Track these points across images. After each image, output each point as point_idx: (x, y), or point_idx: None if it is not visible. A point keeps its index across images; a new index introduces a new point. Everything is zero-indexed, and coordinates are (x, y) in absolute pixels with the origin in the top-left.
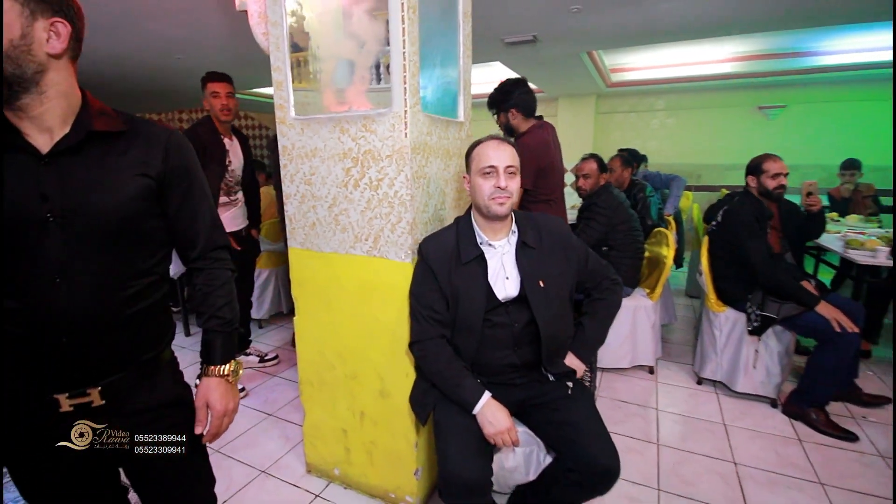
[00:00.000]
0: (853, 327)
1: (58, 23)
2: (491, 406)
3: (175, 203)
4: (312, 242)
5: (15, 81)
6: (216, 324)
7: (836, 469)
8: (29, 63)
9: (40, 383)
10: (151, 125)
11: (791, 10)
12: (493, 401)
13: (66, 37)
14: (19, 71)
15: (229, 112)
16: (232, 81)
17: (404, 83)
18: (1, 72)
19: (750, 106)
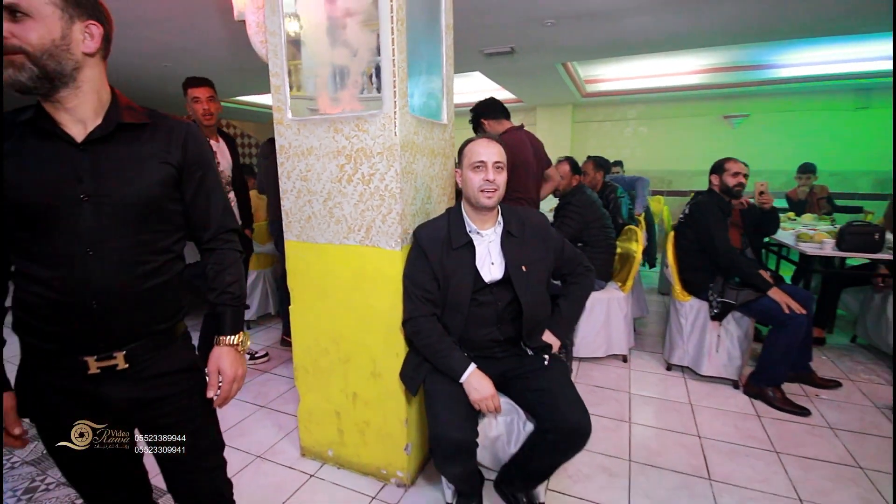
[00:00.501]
0: (801, 309)
1: (92, 25)
2: (476, 375)
3: (191, 189)
4: (308, 235)
5: (56, 77)
6: (226, 298)
7: (790, 439)
8: (68, 60)
9: (71, 345)
10: (171, 119)
11: (742, 26)
12: (479, 371)
13: (98, 37)
14: (60, 67)
15: (211, 116)
16: (212, 85)
17: (394, 87)
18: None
19: (716, 115)
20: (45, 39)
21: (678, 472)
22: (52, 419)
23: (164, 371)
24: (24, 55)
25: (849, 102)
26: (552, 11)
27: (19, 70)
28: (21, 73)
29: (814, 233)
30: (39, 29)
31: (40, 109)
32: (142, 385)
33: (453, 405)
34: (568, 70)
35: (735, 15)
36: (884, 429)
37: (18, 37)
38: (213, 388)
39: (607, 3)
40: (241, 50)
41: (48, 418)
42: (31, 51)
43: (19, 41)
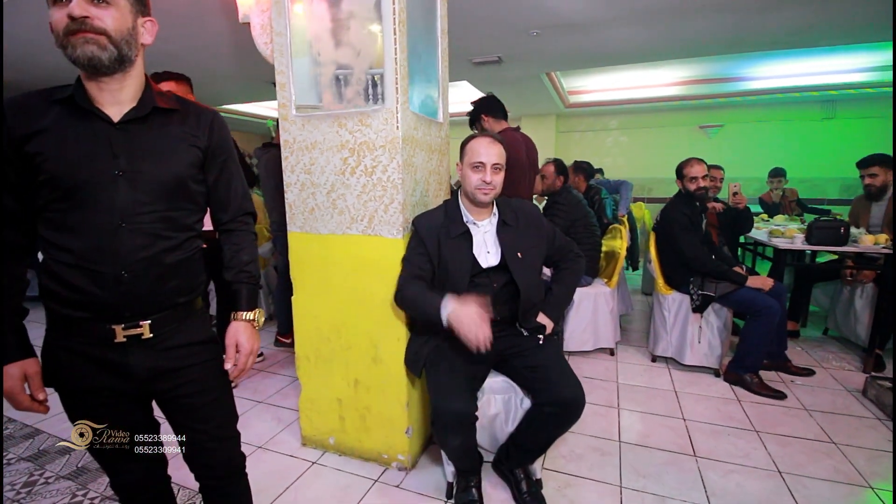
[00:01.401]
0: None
1: (148, 21)
2: (454, 303)
3: (215, 172)
4: (311, 226)
5: (126, 60)
6: (244, 277)
7: (768, 420)
8: (134, 48)
9: (101, 313)
10: (198, 105)
11: (712, 39)
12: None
13: (153, 32)
14: (129, 53)
15: None
16: (186, 79)
17: (396, 83)
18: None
19: (692, 125)
20: (122, 26)
21: (665, 450)
22: (77, 386)
23: (185, 342)
24: (106, 37)
25: (815, 113)
26: (537, 22)
27: (103, 49)
28: (104, 52)
29: (785, 229)
30: (118, 17)
31: (79, 89)
32: (164, 355)
33: (453, 377)
34: (552, 80)
35: (706, 28)
36: (854, 410)
37: (102, 20)
38: (231, 360)
39: (588, 15)
40: (233, 56)
41: (73, 386)
42: (113, 34)
43: (103, 24)
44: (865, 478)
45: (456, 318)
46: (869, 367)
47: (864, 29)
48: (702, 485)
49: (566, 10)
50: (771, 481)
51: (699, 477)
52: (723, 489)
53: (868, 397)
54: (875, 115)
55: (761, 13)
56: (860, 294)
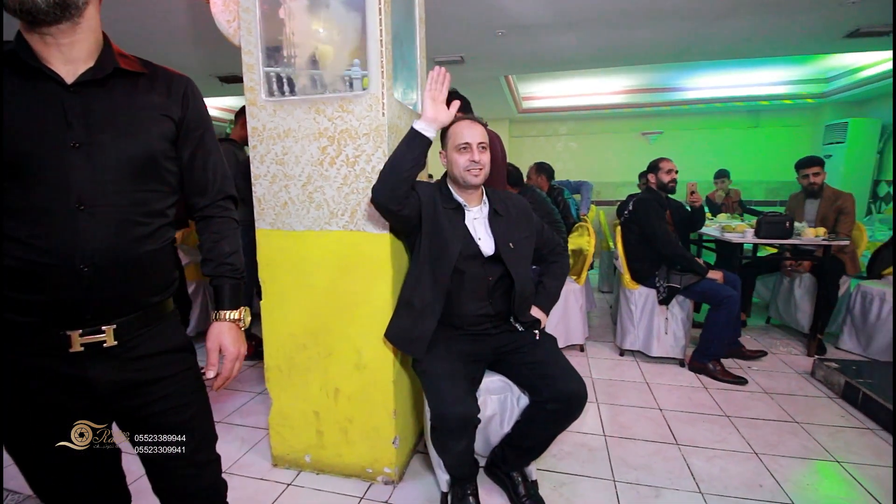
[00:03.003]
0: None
1: None
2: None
3: (190, 148)
4: (284, 222)
5: (69, 4)
6: (225, 270)
7: (735, 404)
8: None
9: (54, 318)
10: (169, 71)
11: (665, 46)
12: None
13: None
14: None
15: None
16: None
17: (381, 67)
18: None
19: (635, 132)
20: None
21: (649, 440)
22: (18, 409)
23: (156, 350)
24: None
25: (742, 122)
26: (505, 22)
27: None
28: None
29: (735, 224)
30: None
31: (22, 43)
32: (131, 366)
33: (454, 380)
34: (509, 84)
35: (658, 36)
36: (808, 390)
37: None
38: (214, 367)
39: (551, 18)
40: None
41: (13, 409)
42: None
43: None
44: (831, 452)
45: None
46: (812, 351)
47: (807, 39)
48: (689, 472)
49: (530, 12)
50: (750, 463)
51: (685, 464)
52: (709, 474)
53: (817, 378)
54: (795, 124)
55: (714, 21)
56: (799, 284)
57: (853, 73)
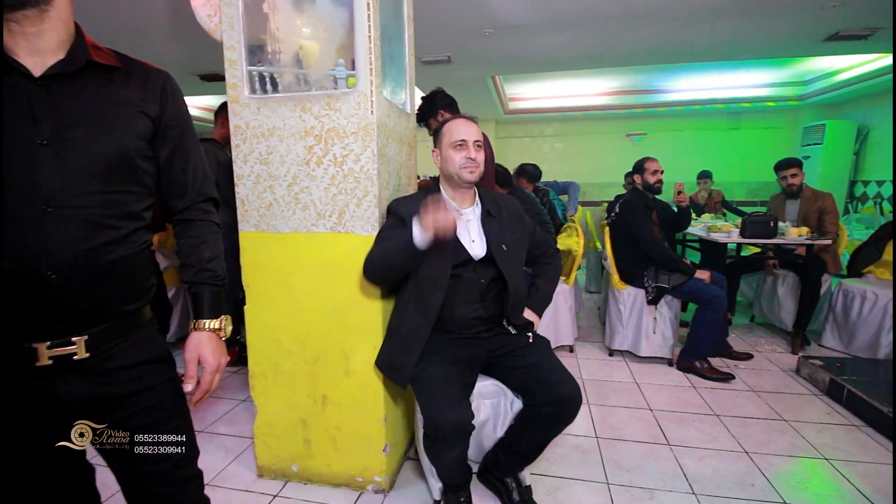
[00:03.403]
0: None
1: None
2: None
3: (168, 148)
4: (269, 224)
5: None
6: (205, 276)
7: (723, 403)
8: None
9: (18, 329)
10: (147, 65)
11: (651, 47)
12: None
13: None
14: None
15: None
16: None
17: (370, 64)
18: None
19: (620, 133)
20: None
21: (641, 441)
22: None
23: (132, 362)
24: None
25: (723, 124)
26: (492, 22)
27: None
28: None
29: (721, 224)
30: None
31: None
32: (105, 379)
33: (447, 387)
34: (496, 85)
35: (644, 37)
36: (793, 388)
37: None
38: (192, 380)
39: (544, 16)
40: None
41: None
42: None
43: None
44: (819, 450)
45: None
46: (797, 348)
47: (788, 42)
48: (682, 473)
49: (518, 12)
50: (741, 462)
51: (678, 465)
52: (701, 475)
53: (802, 375)
54: (774, 125)
55: (698, 23)
56: (782, 283)
57: (830, 76)
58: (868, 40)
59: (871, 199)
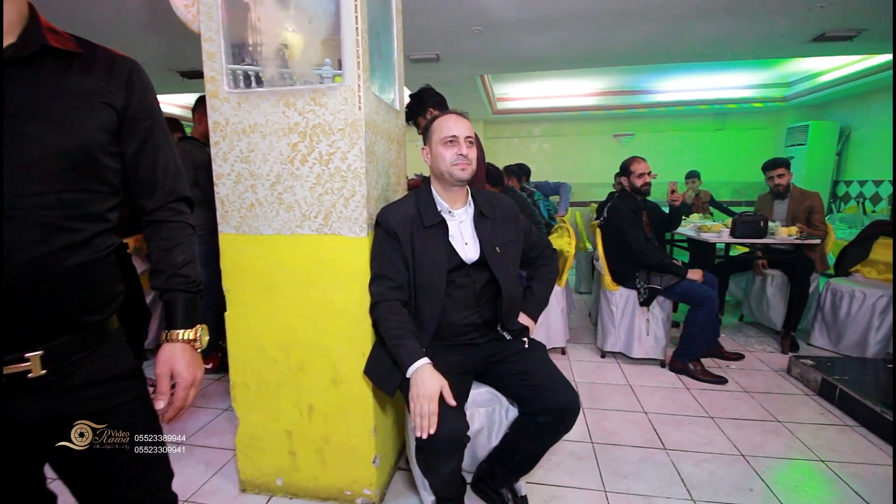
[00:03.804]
0: (700, 274)
1: None
2: (426, 370)
3: (135, 143)
4: (250, 225)
5: None
6: (178, 282)
7: (718, 405)
8: None
9: None
10: (110, 52)
11: (643, 47)
12: (431, 368)
13: None
14: None
15: None
16: None
17: (357, 58)
18: None
19: (608, 134)
20: None
21: (637, 446)
22: None
23: (97, 378)
24: None
25: (709, 125)
26: (482, 19)
27: None
28: None
29: (711, 224)
30: None
31: None
32: (66, 398)
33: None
34: (484, 84)
35: (635, 36)
36: (785, 388)
37: None
38: (164, 396)
39: (534, 14)
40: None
41: None
42: None
43: None
44: (814, 451)
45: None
46: (786, 348)
47: (776, 43)
48: (679, 478)
49: (507, 9)
50: (738, 466)
51: (675, 470)
52: (699, 480)
53: (793, 375)
54: (759, 126)
55: (688, 23)
56: (771, 282)
57: (813, 78)
58: (853, 41)
59: (854, 198)
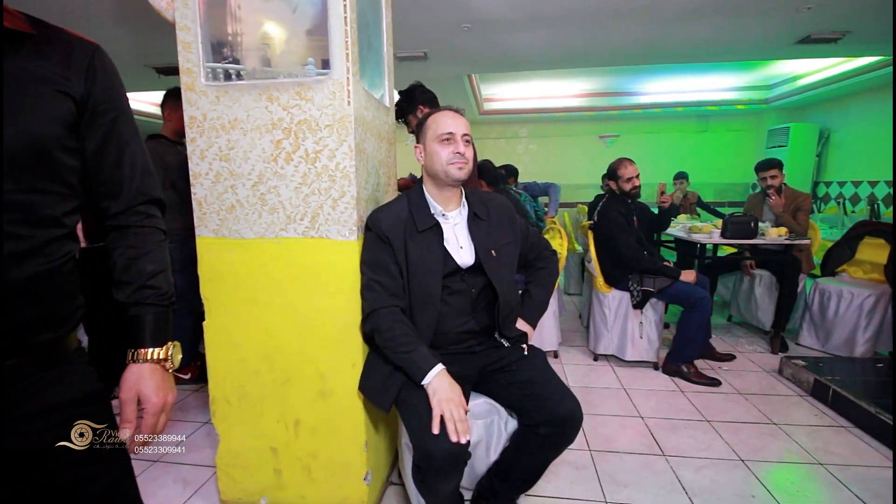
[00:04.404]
0: (693, 276)
1: None
2: (444, 376)
3: (97, 137)
4: (230, 228)
5: None
6: (147, 295)
7: (714, 408)
8: None
9: None
10: (69, 34)
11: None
12: (447, 374)
13: None
14: None
15: None
16: None
17: (346, 49)
18: None
19: (593, 135)
20: None
21: (635, 453)
22: None
23: (54, 404)
24: None
25: (693, 126)
26: (471, 16)
27: None
28: None
29: (702, 224)
30: None
31: None
32: (15, 430)
33: None
34: (472, 84)
35: (623, 36)
36: (778, 389)
37: None
38: (131, 424)
39: (523, 12)
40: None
41: None
42: None
43: None
44: (812, 454)
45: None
46: (776, 348)
47: (761, 44)
48: (680, 486)
49: (497, 7)
50: (738, 471)
51: (675, 477)
52: (700, 487)
53: (785, 376)
54: (741, 128)
55: (677, 24)
56: (759, 283)
57: (793, 81)
58: (837, 44)
59: (834, 199)
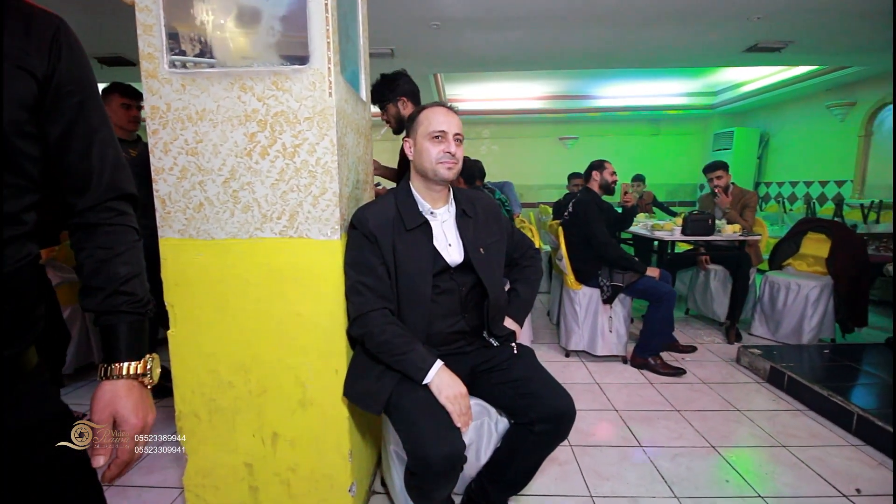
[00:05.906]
0: (657, 272)
1: None
2: (444, 372)
3: (62, 123)
4: (198, 229)
5: None
6: (121, 302)
7: (681, 398)
8: None
9: None
10: (30, 5)
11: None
12: (447, 368)
13: None
14: None
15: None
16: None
17: (327, 37)
18: None
19: (554, 137)
20: None
21: (614, 445)
22: None
23: (13, 428)
24: None
25: (645, 129)
26: (441, 13)
27: None
28: None
29: (664, 222)
30: None
31: None
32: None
33: (436, 415)
34: (437, 84)
35: (586, 39)
36: (738, 377)
37: None
38: (105, 451)
39: (491, 11)
40: None
41: None
42: None
43: None
44: (776, 438)
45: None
46: (731, 338)
47: (713, 51)
48: (659, 476)
49: (466, 5)
50: (711, 458)
51: (654, 468)
52: (678, 475)
53: (742, 364)
54: (689, 132)
55: (638, 29)
56: (714, 277)
57: (737, 88)
58: (781, 53)
59: (774, 198)
